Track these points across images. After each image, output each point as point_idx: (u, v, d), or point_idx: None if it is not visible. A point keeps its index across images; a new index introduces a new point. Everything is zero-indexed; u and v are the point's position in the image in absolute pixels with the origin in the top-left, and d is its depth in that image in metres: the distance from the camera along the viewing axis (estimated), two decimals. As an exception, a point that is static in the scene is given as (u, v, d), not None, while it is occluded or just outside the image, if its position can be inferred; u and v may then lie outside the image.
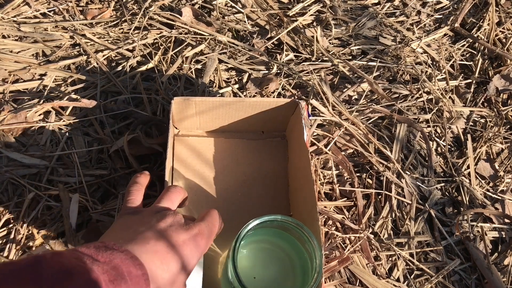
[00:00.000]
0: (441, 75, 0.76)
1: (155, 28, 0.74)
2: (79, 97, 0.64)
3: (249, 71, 0.71)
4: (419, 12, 0.85)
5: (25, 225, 0.54)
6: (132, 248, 0.34)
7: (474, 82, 0.77)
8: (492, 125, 0.72)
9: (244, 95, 0.68)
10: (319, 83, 0.69)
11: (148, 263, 0.34)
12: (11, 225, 0.54)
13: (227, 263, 0.44)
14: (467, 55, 0.81)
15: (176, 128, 0.61)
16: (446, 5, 0.87)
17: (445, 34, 0.83)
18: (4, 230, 0.54)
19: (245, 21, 0.78)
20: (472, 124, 0.72)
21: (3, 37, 0.70)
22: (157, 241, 0.36)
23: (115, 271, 0.30)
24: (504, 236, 0.62)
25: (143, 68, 0.69)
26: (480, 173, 0.67)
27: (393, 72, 0.75)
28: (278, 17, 0.79)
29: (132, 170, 0.59)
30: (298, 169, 0.56)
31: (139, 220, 0.39)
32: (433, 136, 0.69)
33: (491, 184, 0.66)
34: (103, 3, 0.77)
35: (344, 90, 0.71)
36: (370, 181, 0.63)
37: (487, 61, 0.80)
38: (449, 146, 0.69)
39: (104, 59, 0.70)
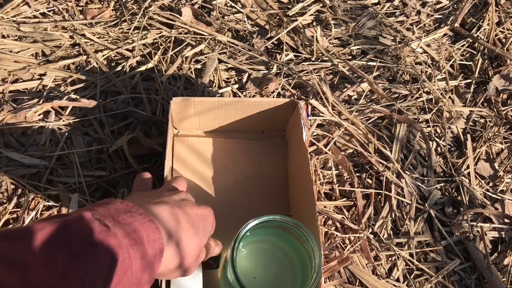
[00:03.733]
0: (441, 75, 0.76)
1: (155, 28, 0.74)
2: (78, 97, 0.64)
3: (249, 71, 0.71)
4: (419, 12, 0.85)
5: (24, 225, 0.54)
6: (148, 212, 0.33)
7: (474, 82, 0.77)
8: (492, 125, 0.72)
9: (244, 95, 0.68)
10: (319, 83, 0.69)
11: (163, 228, 0.33)
12: (11, 225, 0.54)
13: (226, 263, 0.44)
14: (467, 55, 0.81)
15: (176, 128, 0.61)
16: (446, 5, 0.87)
17: (445, 34, 0.83)
18: (4, 230, 0.54)
19: (245, 21, 0.78)
20: (472, 124, 0.72)
21: (3, 37, 0.70)
22: (172, 208, 0.36)
23: (134, 235, 0.30)
24: (504, 236, 0.62)
25: (143, 68, 0.69)
26: (480, 173, 0.67)
27: (393, 72, 0.75)
28: (278, 17, 0.79)
29: (132, 170, 0.59)
30: (298, 169, 0.56)
31: (151, 194, 0.39)
32: (433, 136, 0.69)
33: (491, 184, 0.66)
34: (102, 3, 0.77)
35: (344, 90, 0.71)
36: (370, 181, 0.63)
37: (487, 61, 0.80)
38: (449, 146, 0.69)
39: (103, 59, 0.70)
